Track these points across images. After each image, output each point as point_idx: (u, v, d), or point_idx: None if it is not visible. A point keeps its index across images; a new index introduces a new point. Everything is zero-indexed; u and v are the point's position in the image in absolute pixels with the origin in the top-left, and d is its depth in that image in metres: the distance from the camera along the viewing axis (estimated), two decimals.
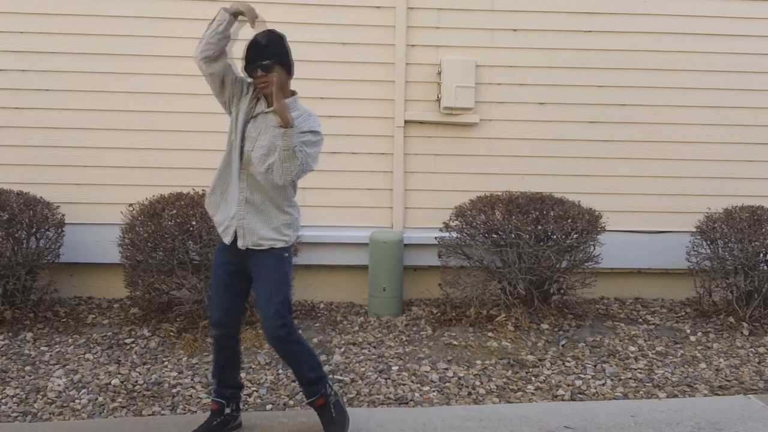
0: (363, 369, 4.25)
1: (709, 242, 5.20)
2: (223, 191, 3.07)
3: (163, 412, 3.68)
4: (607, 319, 5.21)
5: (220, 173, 3.07)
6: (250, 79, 3.07)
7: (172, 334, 4.69)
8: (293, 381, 4.05)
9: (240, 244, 3.03)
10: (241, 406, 3.36)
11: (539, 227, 4.93)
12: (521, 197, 5.17)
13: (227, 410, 3.22)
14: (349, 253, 5.50)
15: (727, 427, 3.40)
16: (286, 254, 3.09)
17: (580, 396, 3.97)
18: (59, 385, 3.97)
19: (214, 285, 3.13)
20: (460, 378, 4.15)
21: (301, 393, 3.87)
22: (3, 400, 3.78)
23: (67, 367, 4.22)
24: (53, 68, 5.35)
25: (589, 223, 5.02)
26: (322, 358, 4.39)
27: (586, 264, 5.10)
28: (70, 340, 4.62)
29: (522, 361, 4.41)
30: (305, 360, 3.12)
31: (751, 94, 5.67)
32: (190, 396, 3.85)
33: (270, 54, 2.96)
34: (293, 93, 3.10)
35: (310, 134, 3.00)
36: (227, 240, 3.05)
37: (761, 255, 5.00)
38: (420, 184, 5.60)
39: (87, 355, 4.39)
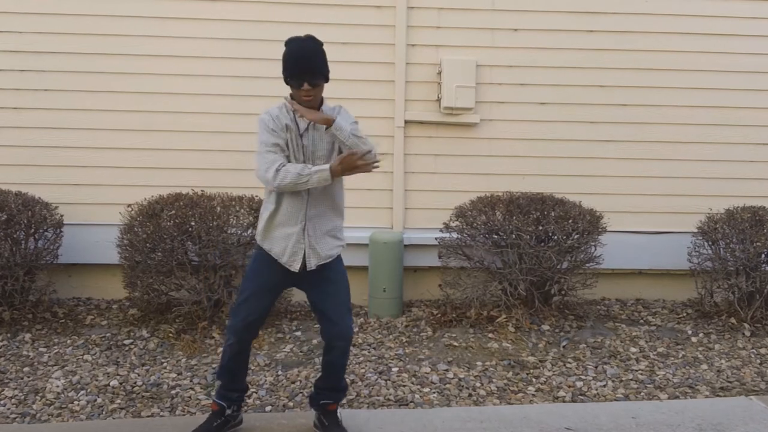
0: (363, 370, 4.24)
1: (710, 243, 5.18)
2: (287, 222, 3.04)
3: (162, 413, 3.66)
4: (609, 320, 5.19)
5: (286, 208, 3.03)
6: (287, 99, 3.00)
7: (171, 335, 4.67)
8: (292, 383, 4.03)
9: (311, 264, 3.05)
10: (241, 407, 3.35)
11: (540, 228, 4.92)
12: (522, 198, 5.15)
13: (228, 411, 3.21)
14: (348, 254, 5.41)
15: (729, 429, 3.39)
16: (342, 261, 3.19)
17: (581, 397, 3.95)
18: (58, 386, 3.95)
19: (254, 287, 3.07)
20: (460, 379, 4.13)
21: (300, 395, 3.86)
22: (1, 402, 3.76)
23: (65, 368, 4.21)
24: (52, 68, 5.34)
25: (590, 224, 5.01)
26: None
27: (587, 265, 5.08)
28: (68, 341, 4.61)
29: (523, 363, 4.39)
30: (346, 366, 3.25)
31: (753, 94, 5.66)
32: (189, 397, 3.84)
33: (320, 71, 2.93)
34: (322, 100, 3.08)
35: (354, 123, 3.03)
36: (295, 267, 3.03)
37: (763, 255, 4.99)
38: (420, 184, 5.59)
39: (86, 356, 4.38)
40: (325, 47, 2.99)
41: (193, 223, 4.70)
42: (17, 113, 5.35)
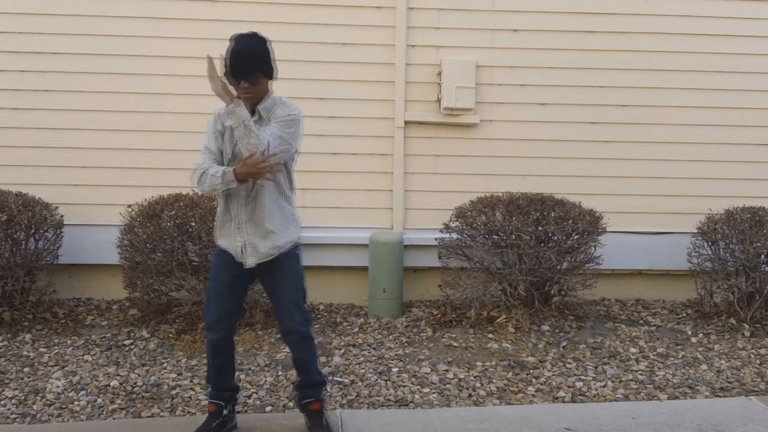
0: (363, 370, 4.24)
1: (710, 243, 5.19)
2: (230, 221, 3.11)
3: (162, 413, 3.66)
4: (608, 320, 5.20)
5: (227, 207, 3.10)
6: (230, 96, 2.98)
7: (171, 335, 4.68)
8: (292, 383, 4.03)
9: (249, 262, 3.08)
10: (240, 408, 3.35)
11: (540, 228, 4.92)
12: (522, 198, 5.15)
13: (225, 411, 3.23)
14: (349, 254, 5.49)
15: (729, 429, 3.39)
16: (298, 251, 3.21)
17: (581, 398, 3.95)
18: (58, 386, 3.95)
19: (216, 287, 3.12)
20: (460, 379, 4.14)
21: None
22: (2, 402, 3.77)
23: (65, 368, 4.21)
24: (52, 69, 5.34)
25: (590, 224, 5.01)
26: (322, 359, 4.38)
27: (586, 265, 5.08)
28: (68, 342, 4.61)
29: (522, 363, 4.39)
30: (314, 360, 3.26)
31: (752, 94, 5.66)
32: (189, 397, 3.84)
33: (259, 69, 2.94)
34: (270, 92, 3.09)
35: (285, 116, 3.01)
36: (248, 263, 3.08)
37: (762, 256, 4.99)
38: (420, 184, 5.59)
39: (86, 357, 4.38)
40: (326, 48, 2.99)
41: (193, 224, 4.70)
42: (17, 114, 5.35)
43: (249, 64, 2.92)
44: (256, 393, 3.91)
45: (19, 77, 5.34)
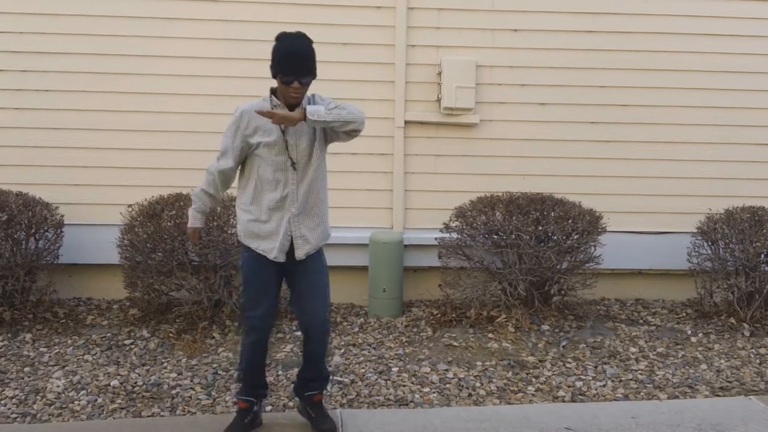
0: (363, 370, 4.24)
1: (710, 243, 5.19)
2: (275, 217, 3.08)
3: (162, 413, 3.67)
4: (608, 320, 5.20)
5: (269, 203, 3.08)
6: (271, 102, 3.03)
7: (171, 335, 4.68)
8: (292, 382, 4.03)
9: (299, 254, 3.10)
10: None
11: (540, 228, 4.92)
12: (522, 198, 5.16)
13: (255, 408, 3.26)
14: (349, 254, 5.49)
15: (728, 429, 3.39)
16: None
17: (581, 397, 3.95)
18: (58, 386, 3.96)
19: (260, 288, 3.10)
20: (460, 379, 4.14)
21: None
22: (2, 402, 3.77)
23: (66, 368, 4.21)
24: (53, 69, 5.35)
25: (590, 224, 5.01)
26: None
27: (586, 265, 5.09)
28: (69, 341, 4.61)
29: (522, 363, 4.39)
30: (326, 353, 3.30)
31: (752, 94, 5.66)
32: (190, 397, 3.84)
33: (312, 69, 2.94)
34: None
35: (331, 102, 3.02)
36: (282, 258, 3.09)
37: (762, 256, 4.99)
38: (420, 184, 5.59)
39: (86, 356, 4.38)
40: (327, 48, 3.01)
41: None
42: (18, 113, 5.35)
43: (306, 64, 2.91)
44: None
45: (20, 77, 5.34)
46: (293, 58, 2.88)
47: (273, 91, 3.07)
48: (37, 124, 5.36)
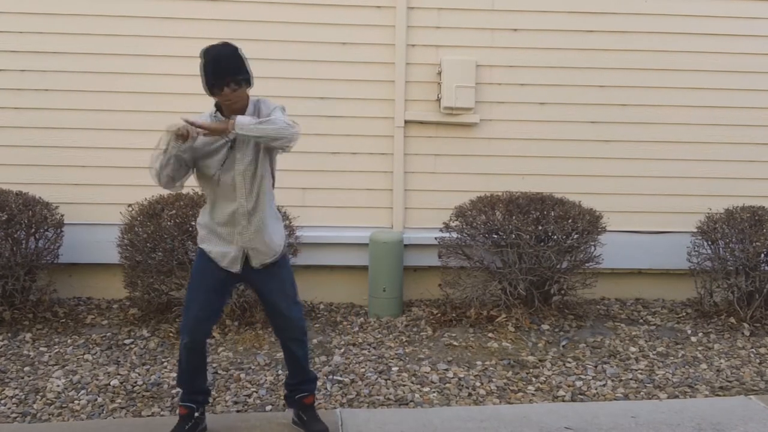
0: (363, 370, 4.24)
1: (710, 243, 5.19)
2: (227, 226, 3.07)
3: (162, 412, 3.67)
4: (608, 319, 5.20)
5: (219, 212, 3.06)
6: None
7: (171, 334, 4.68)
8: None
9: (255, 264, 3.09)
10: (241, 407, 3.36)
11: (540, 227, 4.92)
12: (522, 197, 5.16)
13: (196, 414, 3.20)
14: (349, 254, 5.49)
15: (728, 428, 3.39)
16: (287, 247, 3.24)
17: (581, 397, 3.95)
18: (58, 385, 3.96)
19: (200, 289, 3.09)
20: (460, 379, 4.14)
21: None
22: (2, 401, 3.77)
23: (66, 367, 4.21)
24: (53, 68, 5.34)
25: (590, 224, 5.01)
26: (322, 358, 4.39)
27: (586, 264, 5.09)
28: (69, 341, 4.61)
29: (522, 362, 4.40)
30: (308, 355, 3.32)
31: (752, 94, 5.66)
32: None
33: (237, 71, 2.89)
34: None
35: (276, 107, 3.00)
36: (236, 269, 3.07)
37: (762, 255, 4.99)
38: (420, 184, 5.59)
39: (86, 356, 4.38)
40: (326, 47, 2.99)
41: (193, 223, 4.70)
42: (18, 113, 5.35)
43: (231, 68, 2.88)
44: (257, 392, 3.91)
45: (20, 77, 5.34)
46: (215, 65, 2.86)
47: (218, 106, 3.03)
48: (37, 124, 5.36)
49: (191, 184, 5.36)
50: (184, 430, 3.16)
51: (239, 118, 2.85)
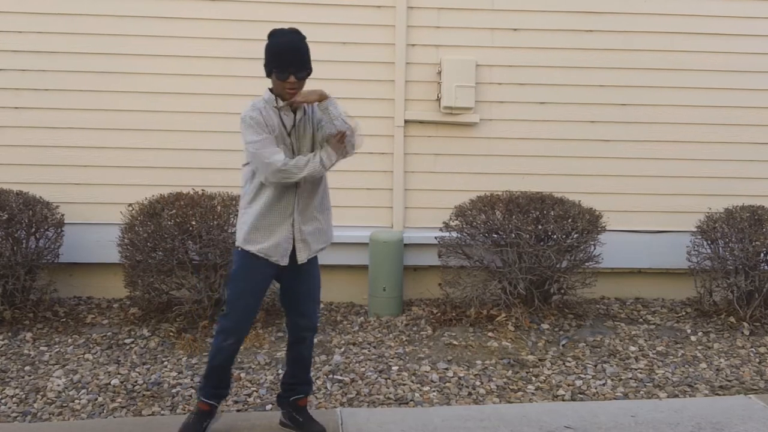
0: (363, 369, 4.25)
1: (709, 242, 5.19)
2: (278, 219, 3.05)
3: (162, 412, 3.67)
4: (608, 318, 5.20)
5: (271, 206, 3.03)
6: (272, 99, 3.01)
7: (171, 334, 4.68)
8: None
9: (301, 258, 3.09)
10: (241, 407, 3.37)
11: (539, 227, 4.93)
12: (521, 197, 5.16)
13: (215, 413, 3.23)
14: (349, 253, 5.49)
15: (728, 428, 3.40)
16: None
17: (581, 396, 3.96)
18: (59, 385, 3.96)
19: (247, 292, 3.06)
20: (460, 378, 4.15)
21: None
22: (2, 400, 3.78)
23: (66, 367, 4.22)
24: (53, 68, 5.35)
25: (590, 223, 5.02)
26: (323, 358, 4.39)
27: (586, 264, 5.09)
28: (69, 340, 4.62)
29: (522, 361, 4.40)
30: (312, 359, 3.36)
31: (752, 93, 5.66)
32: (190, 396, 3.85)
33: (307, 64, 2.96)
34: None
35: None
36: (285, 261, 3.06)
37: (762, 255, 5.00)
38: (420, 183, 5.60)
39: (86, 355, 4.39)
40: (327, 47, 3.00)
41: (193, 223, 4.71)
42: (18, 113, 5.36)
43: (301, 58, 2.92)
44: (257, 391, 3.91)
45: (20, 76, 5.34)
46: (288, 53, 2.89)
47: (271, 91, 3.04)
48: (37, 123, 5.36)
49: (190, 183, 5.39)
50: (203, 426, 3.15)
51: (333, 98, 2.93)
